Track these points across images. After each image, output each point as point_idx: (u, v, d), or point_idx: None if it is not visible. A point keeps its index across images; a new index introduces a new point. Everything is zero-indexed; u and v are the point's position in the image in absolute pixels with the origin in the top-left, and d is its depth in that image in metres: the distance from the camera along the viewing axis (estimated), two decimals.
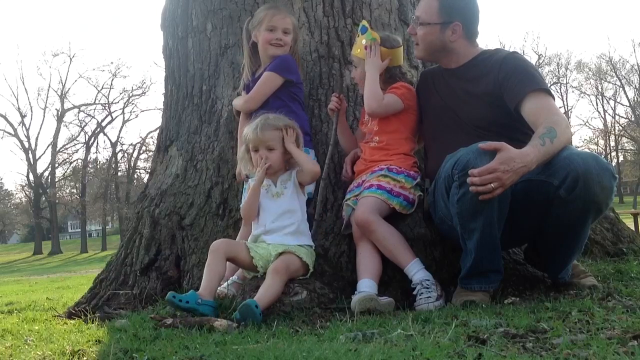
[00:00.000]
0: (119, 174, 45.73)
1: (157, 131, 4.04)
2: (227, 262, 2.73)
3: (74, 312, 2.99)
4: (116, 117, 45.18)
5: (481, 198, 2.26)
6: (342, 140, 3.08)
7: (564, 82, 47.21)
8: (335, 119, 3.03)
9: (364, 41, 2.88)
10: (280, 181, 2.79)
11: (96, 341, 2.22)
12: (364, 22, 2.94)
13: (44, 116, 59.74)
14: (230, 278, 2.83)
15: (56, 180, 45.20)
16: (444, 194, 2.49)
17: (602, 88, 47.62)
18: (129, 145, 46.37)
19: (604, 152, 44.61)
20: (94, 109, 44.51)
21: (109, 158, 45.56)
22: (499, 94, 2.66)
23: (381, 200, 2.70)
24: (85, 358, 1.96)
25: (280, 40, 3.01)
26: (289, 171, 2.80)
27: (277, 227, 2.69)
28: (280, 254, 2.60)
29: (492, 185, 2.23)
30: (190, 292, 2.47)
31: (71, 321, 2.85)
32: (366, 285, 2.55)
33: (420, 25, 2.82)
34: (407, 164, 2.85)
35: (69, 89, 58.13)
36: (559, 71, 47.14)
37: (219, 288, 2.68)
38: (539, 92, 2.58)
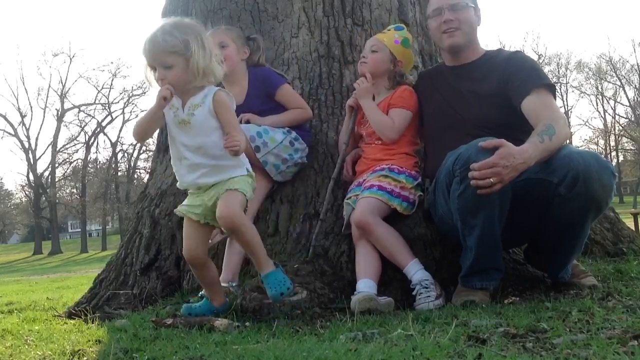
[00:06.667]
0: (119, 174, 45.76)
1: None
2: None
3: (74, 312, 2.99)
4: (116, 117, 45.43)
5: (479, 192, 2.25)
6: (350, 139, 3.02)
7: (564, 82, 47.21)
8: (353, 117, 2.98)
9: (396, 35, 2.91)
10: (188, 105, 2.26)
11: (96, 341, 2.22)
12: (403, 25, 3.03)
13: (44, 116, 59.82)
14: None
15: (56, 180, 45.22)
16: (444, 190, 2.48)
17: (602, 88, 47.69)
18: (129, 145, 46.32)
19: (604, 152, 44.60)
20: (94, 109, 44.69)
21: (109, 158, 45.67)
22: (504, 94, 2.66)
23: (381, 201, 2.69)
24: (85, 358, 1.96)
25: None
26: (202, 92, 2.25)
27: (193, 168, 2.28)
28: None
29: (491, 180, 2.23)
30: (203, 300, 2.52)
31: (71, 321, 2.84)
32: (365, 285, 2.55)
33: (465, 7, 2.78)
34: (409, 164, 2.85)
35: (69, 89, 58.15)
36: (559, 71, 47.17)
37: (224, 285, 2.68)
38: (540, 89, 2.59)
